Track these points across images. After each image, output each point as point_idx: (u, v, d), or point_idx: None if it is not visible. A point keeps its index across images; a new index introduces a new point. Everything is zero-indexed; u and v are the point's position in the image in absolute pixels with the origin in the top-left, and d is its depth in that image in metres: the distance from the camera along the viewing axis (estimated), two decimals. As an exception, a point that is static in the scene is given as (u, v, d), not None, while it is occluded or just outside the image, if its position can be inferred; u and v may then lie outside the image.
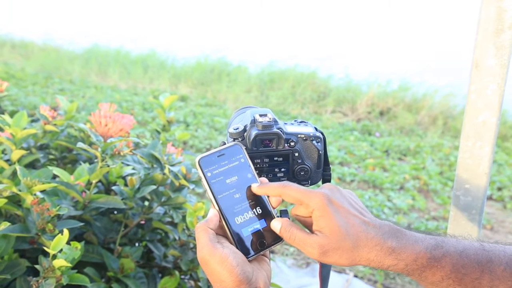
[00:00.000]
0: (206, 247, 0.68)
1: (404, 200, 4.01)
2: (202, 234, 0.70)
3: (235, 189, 0.74)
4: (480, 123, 0.89)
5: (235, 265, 0.67)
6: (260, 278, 0.71)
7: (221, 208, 0.72)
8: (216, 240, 0.70)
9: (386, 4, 19.52)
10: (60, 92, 7.39)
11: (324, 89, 7.63)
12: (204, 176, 0.73)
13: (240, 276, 0.67)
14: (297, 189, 0.71)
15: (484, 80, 0.87)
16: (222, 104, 7.26)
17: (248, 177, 0.75)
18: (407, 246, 0.67)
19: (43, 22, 14.44)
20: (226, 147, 0.75)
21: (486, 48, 0.86)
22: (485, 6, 0.84)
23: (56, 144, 1.65)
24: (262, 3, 20.74)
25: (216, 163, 0.74)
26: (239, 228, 0.73)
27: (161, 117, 1.69)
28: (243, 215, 0.73)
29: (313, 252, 0.68)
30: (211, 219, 0.72)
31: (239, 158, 0.75)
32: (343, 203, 0.71)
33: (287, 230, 0.72)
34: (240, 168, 0.75)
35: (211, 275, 0.68)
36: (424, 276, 0.67)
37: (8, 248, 1.12)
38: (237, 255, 0.69)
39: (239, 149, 0.76)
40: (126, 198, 1.35)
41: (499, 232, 3.62)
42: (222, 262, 0.67)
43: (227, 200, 0.73)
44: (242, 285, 0.67)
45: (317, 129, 0.86)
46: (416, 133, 6.28)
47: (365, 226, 0.69)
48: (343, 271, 3.03)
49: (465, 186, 0.94)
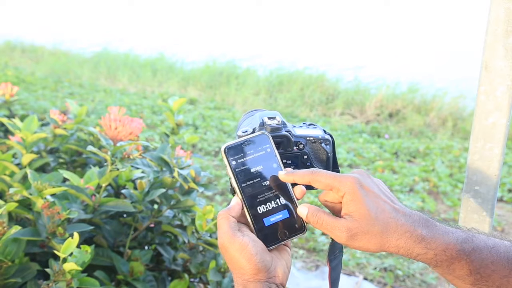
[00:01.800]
0: (226, 234, 0.69)
1: (414, 202, 3.99)
2: (223, 221, 0.70)
3: (260, 178, 0.74)
4: (489, 124, 0.89)
5: (254, 253, 0.67)
6: (279, 267, 0.71)
7: (244, 197, 0.73)
8: (237, 228, 0.70)
9: (394, 5, 19.47)
10: (69, 96, 7.43)
11: (333, 91, 7.62)
12: (229, 164, 0.73)
13: (258, 265, 0.67)
14: (327, 174, 0.71)
15: (494, 82, 0.86)
16: (231, 107, 7.27)
17: (274, 167, 0.74)
18: (437, 236, 0.67)
19: (53, 26, 14.55)
20: (253, 136, 0.75)
21: (496, 49, 0.85)
22: (494, 7, 0.84)
23: (66, 148, 1.66)
24: (270, 6, 20.76)
25: (242, 152, 0.74)
26: (261, 218, 0.73)
27: (170, 120, 1.69)
28: (266, 204, 0.73)
29: (341, 235, 0.68)
30: (233, 207, 0.72)
31: (265, 148, 0.75)
32: (374, 189, 0.70)
33: (314, 215, 0.71)
34: (266, 158, 0.74)
35: (230, 262, 0.69)
36: (452, 268, 0.66)
37: (18, 252, 1.12)
38: (256, 243, 0.69)
39: (266, 138, 0.75)
40: (136, 201, 1.35)
41: (510, 234, 3.60)
42: (241, 250, 0.67)
43: (251, 189, 0.73)
44: (260, 273, 0.68)
45: (326, 131, 0.86)
46: (425, 135, 6.25)
47: (395, 212, 0.68)
48: (352, 274, 3.03)
49: (475, 187, 0.94)
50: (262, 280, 0.68)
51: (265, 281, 0.68)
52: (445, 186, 4.33)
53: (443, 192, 4.28)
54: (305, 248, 3.30)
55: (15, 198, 1.21)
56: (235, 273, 0.69)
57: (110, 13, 18.54)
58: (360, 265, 3.12)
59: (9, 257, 1.10)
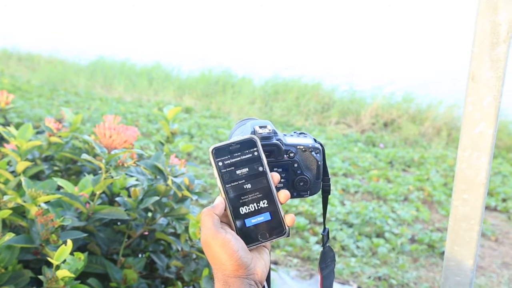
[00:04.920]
0: (209, 230, 0.71)
1: (408, 211, 4.01)
2: (207, 218, 0.73)
3: (245, 180, 0.75)
4: (477, 134, 0.90)
5: (235, 250, 0.70)
6: (258, 266, 0.74)
7: (228, 197, 0.75)
8: (220, 225, 0.73)
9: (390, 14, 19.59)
10: (65, 104, 7.44)
11: (328, 100, 7.65)
12: (216, 164, 0.75)
13: (239, 261, 0.70)
14: None
15: (480, 92, 0.88)
16: (227, 116, 7.29)
17: (259, 170, 0.76)
18: None
19: (50, 35, 14.57)
20: (241, 140, 0.76)
21: (482, 60, 0.87)
22: (480, 19, 0.86)
23: (61, 156, 1.67)
24: (266, 16, 20.84)
25: (229, 154, 0.76)
26: (242, 218, 0.75)
27: (165, 129, 1.71)
28: (248, 206, 0.75)
29: None
30: (217, 206, 0.74)
31: (252, 151, 0.76)
32: None
33: None
34: (252, 161, 0.76)
35: (212, 258, 0.72)
36: None
37: (12, 259, 1.13)
38: (238, 241, 0.72)
39: (253, 142, 0.76)
40: (130, 209, 1.36)
41: (503, 243, 3.61)
42: (223, 246, 0.70)
43: (235, 190, 0.75)
44: (241, 269, 0.70)
45: (316, 140, 0.87)
46: (420, 144, 6.27)
47: None
48: (346, 283, 3.03)
49: (463, 196, 0.95)
50: (242, 276, 0.70)
51: (245, 277, 0.71)
52: (439, 196, 4.35)
53: (437, 201, 4.29)
54: (299, 257, 3.31)
55: (9, 205, 1.22)
56: (216, 269, 0.72)
57: (107, 22, 18.57)
58: (354, 274, 3.12)
59: (3, 264, 1.11)
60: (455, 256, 1.00)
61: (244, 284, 0.70)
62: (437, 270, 3.21)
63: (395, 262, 3.26)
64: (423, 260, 3.30)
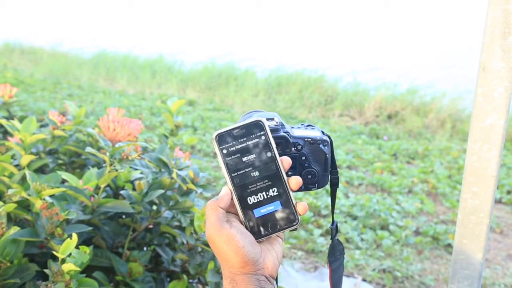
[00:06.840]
0: (213, 225, 0.68)
1: (413, 203, 3.99)
2: (211, 212, 0.69)
3: (252, 167, 0.71)
4: (487, 126, 0.89)
5: (241, 246, 0.66)
6: (269, 259, 0.70)
7: (235, 187, 0.70)
8: (225, 219, 0.69)
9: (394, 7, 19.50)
10: (68, 97, 7.43)
11: (331, 92, 7.63)
12: (220, 152, 0.70)
13: (245, 257, 0.66)
14: None
15: (491, 83, 0.87)
16: (230, 109, 7.28)
17: (268, 156, 0.71)
18: None
19: (52, 28, 14.56)
20: (247, 123, 0.71)
21: (493, 51, 0.86)
22: (491, 8, 0.84)
23: (65, 149, 1.66)
24: (269, 8, 20.77)
25: (234, 140, 0.70)
26: (251, 209, 0.71)
27: (169, 121, 1.70)
28: (257, 195, 0.71)
29: None
30: (222, 198, 0.70)
31: (259, 136, 0.71)
32: None
33: None
34: (260, 146, 0.71)
35: (218, 254, 0.68)
36: None
37: (17, 253, 1.12)
38: (244, 235, 0.68)
39: (260, 125, 0.71)
40: (134, 202, 1.35)
41: (509, 235, 3.60)
42: (228, 242, 0.66)
43: (242, 179, 0.70)
44: (248, 266, 0.67)
45: (324, 132, 0.85)
46: (424, 136, 6.25)
47: None
48: (351, 275, 3.02)
49: (473, 189, 0.94)
50: (250, 272, 0.67)
51: (253, 274, 0.67)
52: (444, 188, 4.33)
53: (442, 193, 4.28)
54: (303, 249, 3.30)
55: (14, 199, 1.21)
56: (223, 265, 0.69)
57: (109, 15, 18.55)
58: (359, 266, 3.12)
59: (8, 258, 1.10)
60: (464, 249, 0.99)
61: (252, 280, 0.67)
62: (442, 262, 3.20)
63: (400, 255, 3.25)
64: (428, 253, 3.29)
